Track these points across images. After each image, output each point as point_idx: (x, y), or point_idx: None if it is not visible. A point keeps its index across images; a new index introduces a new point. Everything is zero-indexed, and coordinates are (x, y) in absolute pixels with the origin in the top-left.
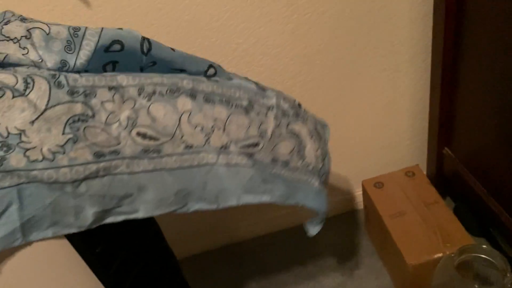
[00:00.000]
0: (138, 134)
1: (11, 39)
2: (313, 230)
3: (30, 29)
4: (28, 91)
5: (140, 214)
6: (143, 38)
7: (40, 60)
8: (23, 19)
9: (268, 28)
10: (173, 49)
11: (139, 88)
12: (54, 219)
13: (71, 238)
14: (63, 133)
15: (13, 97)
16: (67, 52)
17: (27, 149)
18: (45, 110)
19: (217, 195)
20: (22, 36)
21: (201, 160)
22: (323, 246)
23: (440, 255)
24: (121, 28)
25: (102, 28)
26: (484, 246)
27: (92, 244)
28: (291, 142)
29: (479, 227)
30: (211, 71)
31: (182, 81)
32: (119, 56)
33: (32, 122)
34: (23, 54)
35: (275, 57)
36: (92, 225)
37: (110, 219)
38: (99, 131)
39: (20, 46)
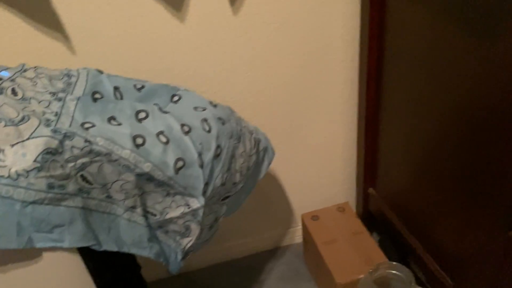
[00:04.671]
0: (82, 176)
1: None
2: (172, 269)
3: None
4: (21, 123)
5: (65, 244)
6: (115, 88)
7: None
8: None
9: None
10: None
11: (107, 153)
12: (0, 232)
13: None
14: (34, 160)
15: (5, 125)
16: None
17: None
18: (28, 139)
19: (116, 240)
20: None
21: (112, 210)
22: (267, 274)
23: (364, 275)
24: (101, 72)
25: (87, 80)
26: (394, 263)
27: (86, 259)
28: (179, 223)
29: (399, 257)
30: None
31: (143, 164)
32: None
33: (12, 145)
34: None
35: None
36: (26, 245)
37: (40, 244)
38: (59, 166)
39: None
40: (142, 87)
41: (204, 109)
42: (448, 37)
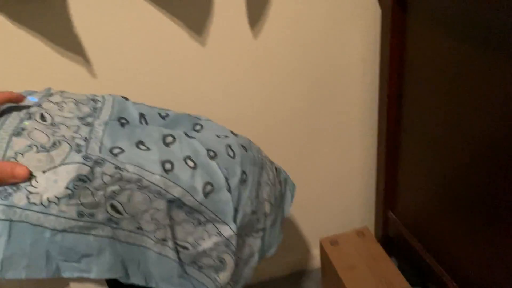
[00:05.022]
0: (112, 205)
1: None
2: None
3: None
4: (52, 149)
5: (92, 275)
6: (140, 115)
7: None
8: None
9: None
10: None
11: (137, 179)
12: (29, 261)
13: None
14: (66, 187)
15: (37, 151)
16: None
17: (31, 192)
18: (59, 165)
19: (145, 274)
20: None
21: (142, 242)
22: None
23: None
24: (126, 98)
25: (113, 106)
26: None
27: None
28: (213, 256)
29: (420, 283)
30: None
31: (173, 189)
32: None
33: (44, 171)
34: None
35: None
36: (54, 274)
37: (67, 273)
38: (89, 193)
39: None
40: (167, 115)
41: (226, 137)
42: (471, 58)
